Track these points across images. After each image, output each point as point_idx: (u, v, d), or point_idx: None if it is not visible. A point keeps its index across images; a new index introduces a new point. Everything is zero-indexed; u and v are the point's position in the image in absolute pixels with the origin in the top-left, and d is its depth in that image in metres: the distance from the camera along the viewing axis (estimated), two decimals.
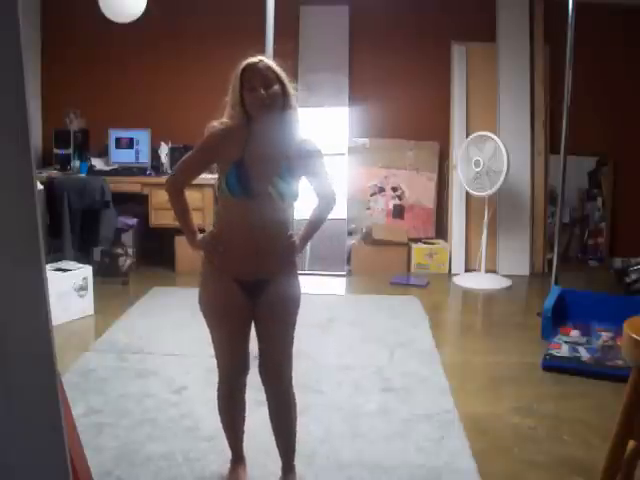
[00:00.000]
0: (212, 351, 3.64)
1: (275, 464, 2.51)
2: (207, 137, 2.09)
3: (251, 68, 2.00)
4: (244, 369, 2.28)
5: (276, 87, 2.01)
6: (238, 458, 2.43)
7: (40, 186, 4.62)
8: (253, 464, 2.50)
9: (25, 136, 0.92)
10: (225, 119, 2.08)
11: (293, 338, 2.25)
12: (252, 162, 2.03)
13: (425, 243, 5.76)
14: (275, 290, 2.15)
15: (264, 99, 1.98)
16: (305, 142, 2.14)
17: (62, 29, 5.72)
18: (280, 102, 2.03)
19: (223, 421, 2.37)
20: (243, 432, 2.41)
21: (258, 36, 3.54)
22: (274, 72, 2.02)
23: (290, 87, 2.07)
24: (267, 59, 2.06)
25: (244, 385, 2.33)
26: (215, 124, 2.08)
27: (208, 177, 5.32)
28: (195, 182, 5.91)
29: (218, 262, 2.15)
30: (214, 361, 3.48)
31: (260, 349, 2.24)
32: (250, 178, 2.02)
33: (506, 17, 5.69)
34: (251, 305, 2.16)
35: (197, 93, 5.82)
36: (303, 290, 2.28)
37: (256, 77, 1.99)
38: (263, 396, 3.07)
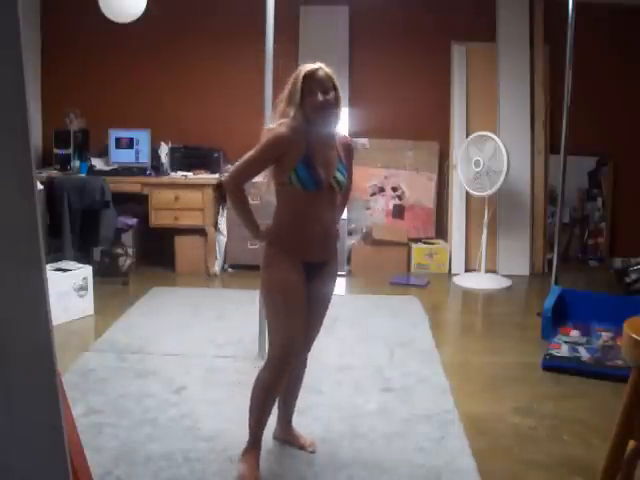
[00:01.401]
0: (212, 350, 3.66)
1: (276, 464, 2.51)
2: (274, 138, 2.24)
3: (312, 75, 2.22)
4: (296, 356, 2.37)
5: (332, 94, 2.24)
6: (256, 446, 2.44)
7: (40, 186, 4.62)
8: None
9: (25, 136, 0.92)
10: (281, 119, 2.26)
11: None
12: (317, 160, 2.26)
13: (425, 243, 5.76)
14: (329, 271, 2.42)
15: (323, 104, 2.21)
16: (348, 141, 2.46)
17: (62, 29, 5.73)
18: (334, 106, 2.26)
19: (259, 405, 2.39)
20: (268, 418, 2.46)
21: (258, 36, 3.54)
22: (331, 80, 2.25)
23: (340, 93, 2.29)
24: (325, 66, 2.27)
25: (287, 376, 2.39)
26: (275, 126, 2.26)
27: (208, 177, 5.34)
28: (195, 182, 5.93)
29: (289, 247, 2.30)
30: (214, 361, 3.52)
31: (312, 322, 2.42)
32: (319, 173, 2.25)
33: (506, 17, 5.69)
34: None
35: (197, 93, 5.83)
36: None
37: (316, 83, 2.22)
38: None
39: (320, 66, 2.26)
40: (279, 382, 2.36)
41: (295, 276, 2.29)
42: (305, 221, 2.28)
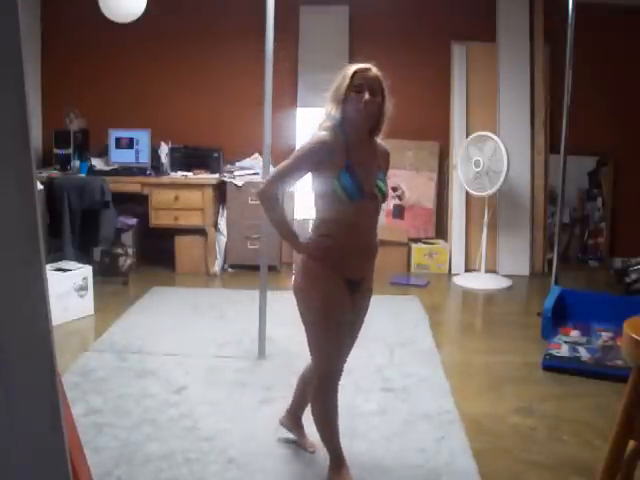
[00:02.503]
0: (212, 350, 3.66)
1: (276, 464, 2.51)
2: (315, 142, 2.12)
3: (362, 73, 2.11)
4: (341, 371, 2.33)
5: (379, 98, 2.13)
6: (341, 459, 2.37)
7: (40, 186, 4.62)
8: (254, 466, 2.50)
9: (25, 136, 0.92)
10: (324, 122, 2.16)
11: None
12: (357, 166, 2.13)
13: (425, 243, 5.76)
14: (367, 286, 2.31)
15: (368, 103, 2.09)
16: (386, 149, 2.30)
17: (62, 30, 5.72)
18: (378, 112, 2.15)
19: (324, 426, 2.33)
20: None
21: (258, 36, 3.54)
22: (380, 83, 2.14)
23: (389, 100, 2.18)
24: (375, 68, 2.15)
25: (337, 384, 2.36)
26: (318, 133, 2.14)
27: (208, 177, 5.34)
28: (195, 182, 5.92)
29: (330, 262, 2.17)
30: (214, 361, 3.52)
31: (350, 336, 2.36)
32: (361, 181, 2.12)
33: (506, 17, 5.69)
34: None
35: (197, 93, 5.83)
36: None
37: (365, 82, 2.10)
38: (264, 396, 3.08)
39: (371, 67, 2.14)
40: (331, 397, 2.30)
41: (340, 299, 2.19)
42: (348, 233, 2.14)
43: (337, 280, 2.18)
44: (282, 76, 4.52)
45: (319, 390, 2.30)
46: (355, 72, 2.10)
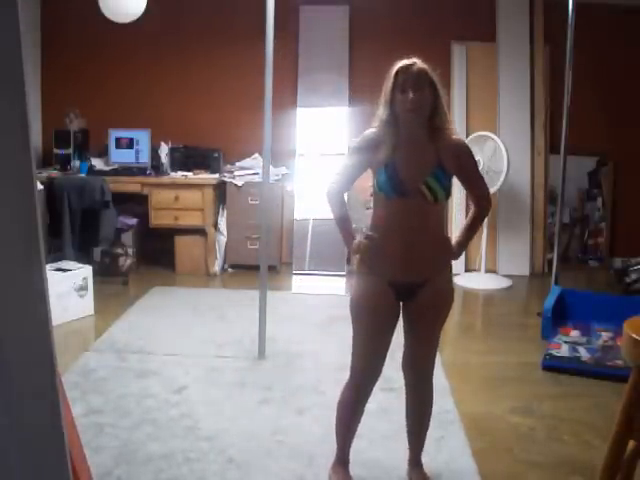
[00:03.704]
0: (212, 350, 3.66)
1: (276, 464, 2.51)
2: (359, 141, 2.16)
3: (404, 70, 2.07)
4: (377, 376, 2.28)
5: (427, 91, 2.07)
6: (344, 460, 2.40)
7: (40, 186, 4.62)
8: (254, 466, 2.50)
9: (25, 136, 0.91)
10: (376, 121, 2.14)
11: (439, 338, 2.31)
12: (403, 163, 2.08)
13: None
14: (428, 294, 2.15)
15: (413, 102, 2.03)
16: (457, 144, 2.16)
17: (62, 29, 5.72)
18: (430, 105, 2.08)
19: (339, 423, 2.36)
20: (354, 434, 2.39)
21: (258, 36, 3.54)
22: (427, 75, 2.08)
23: (442, 92, 2.12)
24: (420, 62, 2.11)
25: (370, 393, 2.32)
26: (365, 131, 2.16)
27: (208, 177, 5.34)
28: (195, 182, 5.91)
29: (371, 264, 2.15)
30: (214, 361, 3.52)
31: (406, 347, 2.28)
32: (402, 178, 2.06)
33: (506, 17, 5.69)
34: (399, 308, 2.19)
35: (197, 93, 5.83)
36: (302, 290, 2.28)
37: (408, 80, 2.05)
38: (264, 396, 3.09)
39: (415, 61, 2.11)
40: (353, 406, 2.31)
41: (377, 303, 2.13)
42: (388, 234, 2.10)
43: (376, 281, 2.13)
44: (282, 76, 4.52)
45: (345, 385, 2.31)
46: (398, 71, 2.08)
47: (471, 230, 2.29)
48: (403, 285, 2.13)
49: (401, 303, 2.19)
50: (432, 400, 2.36)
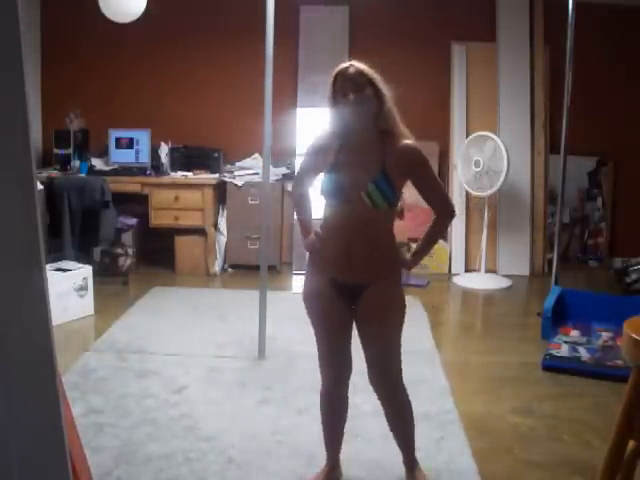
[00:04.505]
0: (212, 350, 3.66)
1: (276, 464, 2.51)
2: (312, 143, 2.18)
3: (342, 73, 2.03)
4: (342, 375, 2.27)
5: (368, 91, 2.01)
6: (332, 463, 2.39)
7: (40, 186, 4.62)
8: (254, 466, 2.50)
9: (25, 136, 0.92)
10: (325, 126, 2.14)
11: (398, 344, 2.25)
12: (345, 168, 2.06)
13: None
14: (371, 297, 2.12)
15: (353, 104, 1.99)
16: (403, 148, 2.07)
17: (62, 29, 5.72)
18: (373, 106, 2.03)
19: (323, 423, 2.37)
20: (342, 436, 2.39)
21: (258, 36, 3.54)
22: (365, 75, 2.02)
23: (385, 90, 2.06)
24: (358, 63, 2.06)
25: (345, 391, 2.31)
26: (322, 131, 2.15)
27: (208, 177, 5.34)
28: (195, 182, 5.90)
29: (317, 261, 2.19)
30: (214, 361, 3.52)
31: (365, 362, 2.23)
32: (343, 184, 2.05)
33: (506, 17, 5.69)
34: (350, 309, 2.17)
35: (197, 93, 5.83)
36: (302, 290, 2.27)
37: (346, 82, 2.01)
38: (264, 396, 3.09)
39: (351, 63, 2.06)
40: (327, 406, 2.32)
41: (322, 299, 2.15)
42: (329, 235, 2.11)
43: (319, 280, 2.16)
44: (282, 76, 4.52)
45: (320, 391, 2.32)
46: (336, 75, 2.04)
47: (428, 240, 2.22)
48: (343, 285, 2.12)
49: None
50: (406, 405, 2.30)
